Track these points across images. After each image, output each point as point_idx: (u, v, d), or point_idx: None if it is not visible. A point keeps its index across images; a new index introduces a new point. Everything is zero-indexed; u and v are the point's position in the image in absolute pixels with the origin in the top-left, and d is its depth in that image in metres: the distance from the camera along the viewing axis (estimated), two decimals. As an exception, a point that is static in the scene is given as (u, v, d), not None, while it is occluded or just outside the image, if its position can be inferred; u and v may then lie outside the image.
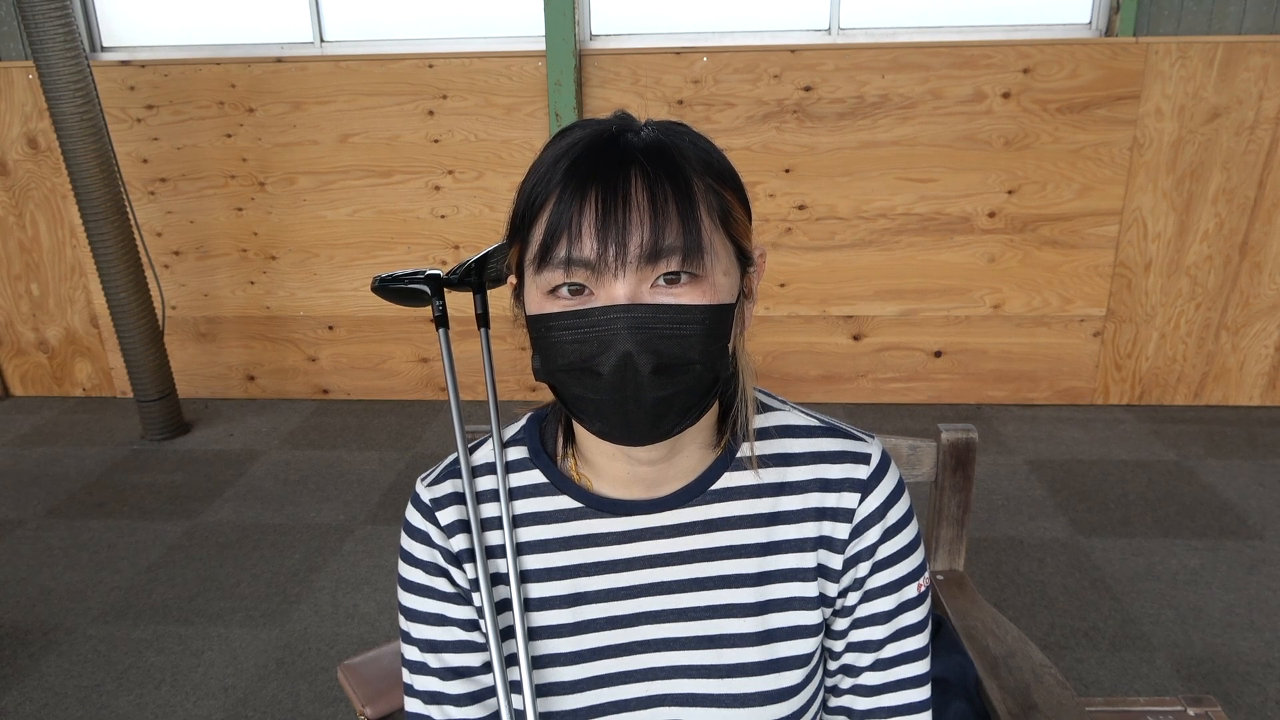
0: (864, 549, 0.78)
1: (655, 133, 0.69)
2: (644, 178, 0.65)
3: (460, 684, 0.79)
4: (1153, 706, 1.15)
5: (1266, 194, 3.18)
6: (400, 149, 3.36)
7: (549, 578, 0.79)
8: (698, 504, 0.78)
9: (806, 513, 0.79)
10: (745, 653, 0.77)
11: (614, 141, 0.67)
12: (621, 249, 0.64)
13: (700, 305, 0.66)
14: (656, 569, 0.78)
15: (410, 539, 0.81)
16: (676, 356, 0.66)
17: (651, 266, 0.65)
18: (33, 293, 3.67)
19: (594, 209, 0.64)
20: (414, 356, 3.64)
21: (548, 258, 0.66)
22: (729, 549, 0.78)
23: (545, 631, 0.79)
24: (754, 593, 0.78)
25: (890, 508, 0.79)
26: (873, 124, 3.19)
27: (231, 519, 2.80)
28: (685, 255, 0.65)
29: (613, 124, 0.70)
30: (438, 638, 0.79)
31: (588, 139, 0.68)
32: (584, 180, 0.65)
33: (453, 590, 0.79)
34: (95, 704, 2.02)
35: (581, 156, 0.66)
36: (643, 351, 0.65)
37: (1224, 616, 2.22)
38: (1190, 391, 3.45)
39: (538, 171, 0.69)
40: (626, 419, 0.68)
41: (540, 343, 0.69)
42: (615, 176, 0.65)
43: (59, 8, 2.81)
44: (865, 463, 0.79)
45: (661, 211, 0.65)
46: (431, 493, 0.81)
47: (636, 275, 0.65)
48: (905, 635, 0.80)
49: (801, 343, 3.49)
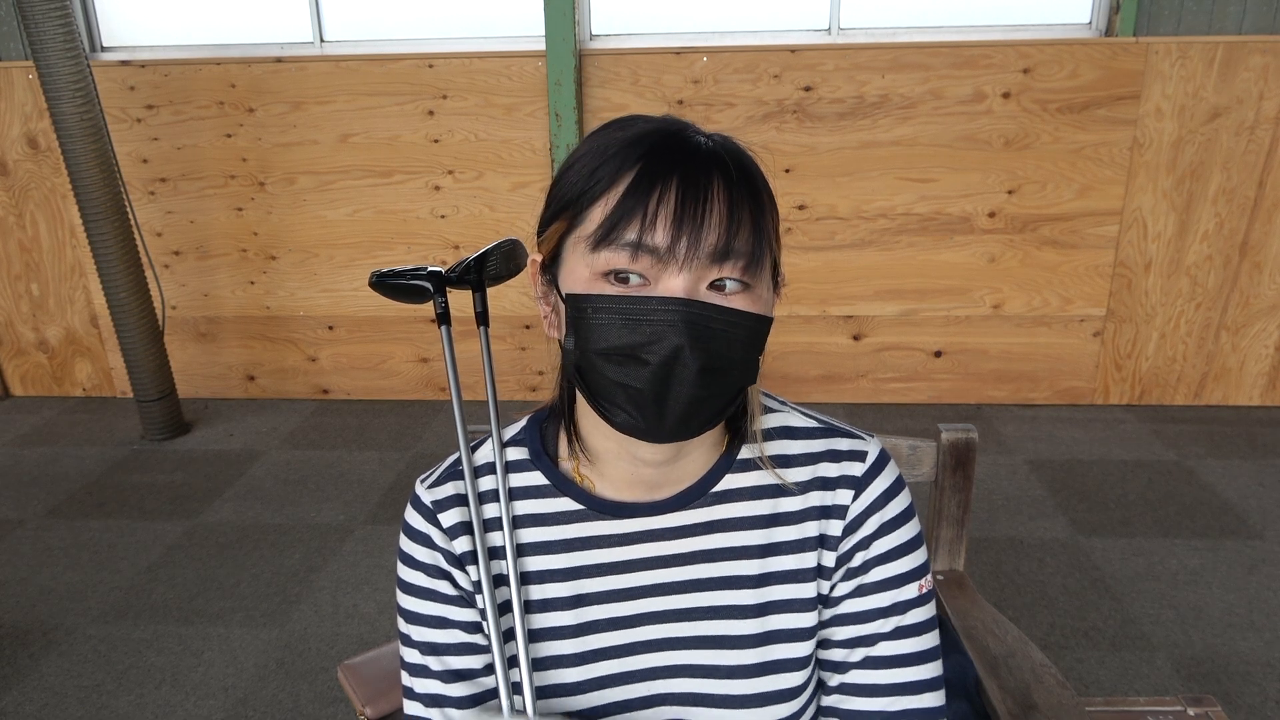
0: (858, 542, 0.78)
1: (726, 140, 0.70)
2: (725, 179, 0.65)
3: (462, 686, 0.78)
4: (1153, 706, 1.15)
5: (1266, 194, 3.17)
6: (400, 149, 3.36)
7: (551, 579, 0.78)
8: (699, 506, 0.78)
9: (807, 513, 0.78)
10: (744, 654, 0.77)
11: (690, 138, 0.67)
12: (695, 243, 0.64)
13: (751, 313, 0.67)
14: (658, 570, 0.78)
15: (411, 541, 0.80)
16: (723, 359, 0.66)
17: (717, 267, 0.65)
18: (33, 293, 3.67)
19: (674, 198, 0.64)
20: (414, 356, 3.64)
21: (611, 238, 0.65)
22: (730, 550, 0.78)
23: (548, 634, 0.78)
24: (755, 594, 0.78)
25: (887, 503, 0.78)
26: (873, 124, 3.19)
27: (231, 519, 2.80)
28: (750, 263, 0.66)
29: (680, 123, 0.69)
30: (439, 640, 0.79)
31: (661, 130, 0.68)
32: (666, 168, 0.65)
33: (455, 593, 0.79)
34: (95, 704, 2.02)
35: (661, 145, 0.66)
36: (695, 348, 0.64)
37: (1224, 616, 2.22)
38: (1190, 391, 3.45)
39: (603, 153, 0.67)
40: (660, 412, 0.67)
41: (581, 323, 0.67)
42: (698, 172, 0.65)
43: (59, 8, 2.80)
44: (861, 460, 0.79)
45: (738, 215, 0.65)
46: (433, 495, 0.80)
47: (698, 273, 0.65)
48: (906, 635, 0.78)
49: (801, 343, 3.49)
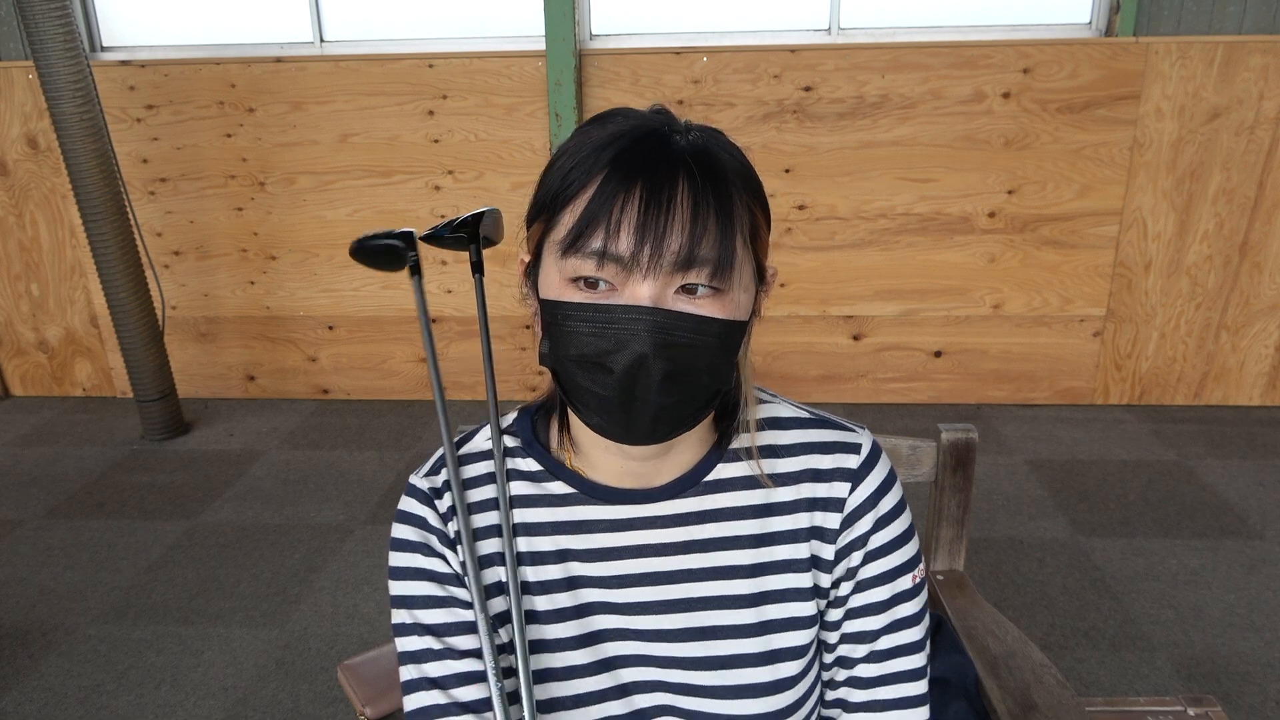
0: (856, 538, 0.78)
1: (701, 138, 0.68)
2: (690, 183, 0.64)
3: (468, 663, 0.77)
4: (1153, 706, 1.15)
5: (1266, 194, 3.17)
6: (400, 149, 3.36)
7: (541, 561, 0.78)
8: (692, 495, 0.78)
9: (799, 503, 0.79)
10: (742, 644, 0.77)
11: (663, 139, 0.66)
12: (657, 251, 0.63)
13: (719, 319, 0.66)
14: (651, 559, 0.78)
15: (404, 525, 0.80)
16: (688, 365, 0.66)
17: (682, 274, 0.64)
18: (33, 293, 3.67)
19: (637, 205, 0.63)
20: (414, 356, 3.64)
21: (578, 245, 0.64)
22: (724, 540, 0.78)
23: (542, 616, 0.78)
24: (750, 584, 0.78)
25: (882, 497, 0.79)
26: (873, 124, 3.19)
27: (231, 519, 2.80)
28: (716, 268, 0.65)
29: (658, 120, 0.68)
30: (439, 621, 0.77)
31: (634, 132, 0.66)
32: (630, 173, 0.64)
33: (450, 571, 0.78)
34: (95, 704, 2.02)
35: (629, 149, 0.65)
36: (658, 357, 0.64)
37: (1224, 616, 2.22)
38: (1190, 391, 3.45)
39: (578, 153, 0.67)
40: (627, 419, 0.68)
41: (554, 329, 0.68)
42: (662, 176, 0.64)
43: (59, 8, 2.80)
44: (855, 452, 0.79)
45: (702, 221, 0.64)
46: (430, 481, 0.81)
47: (664, 280, 0.64)
48: (901, 627, 0.80)
49: (801, 343, 3.49)
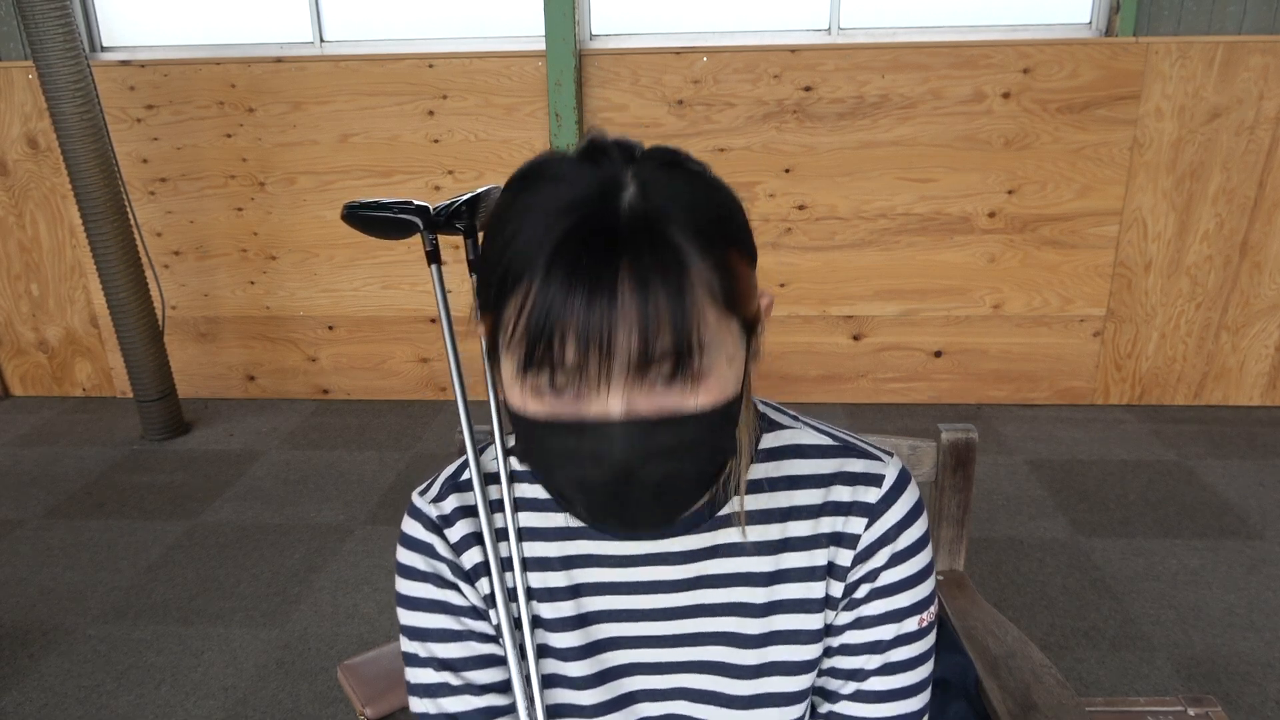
0: (866, 573, 0.74)
1: (643, 197, 0.58)
2: (634, 270, 0.56)
3: (490, 698, 0.76)
4: (1153, 706, 1.15)
5: (1266, 194, 3.17)
6: (400, 149, 3.36)
7: (552, 598, 0.76)
8: (705, 530, 0.74)
9: (818, 539, 0.74)
10: (740, 684, 0.76)
11: (600, 220, 0.57)
12: (606, 360, 0.56)
13: (700, 413, 0.60)
14: (661, 595, 0.75)
15: (411, 552, 0.77)
16: (679, 466, 0.62)
17: (639, 375, 0.58)
18: (33, 293, 3.67)
19: (576, 315, 0.56)
20: (414, 356, 3.64)
21: (527, 363, 0.58)
22: (736, 577, 0.75)
23: (556, 653, 0.77)
24: (759, 624, 0.75)
25: (901, 532, 0.74)
26: (873, 124, 3.19)
27: (231, 519, 2.80)
28: (678, 360, 0.58)
29: (594, 188, 0.59)
30: (456, 655, 0.76)
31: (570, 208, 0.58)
32: (569, 273, 0.56)
33: (466, 604, 0.77)
34: (95, 704, 2.02)
35: (566, 239, 0.57)
36: (646, 467, 0.60)
37: (1224, 616, 2.22)
38: (1190, 391, 3.45)
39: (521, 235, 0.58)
40: (622, 511, 0.64)
41: (523, 438, 0.63)
42: (602, 271, 0.56)
43: (59, 8, 2.80)
44: (877, 485, 0.74)
45: (653, 313, 0.56)
46: (438, 509, 0.77)
47: (627, 384, 0.58)
48: (895, 671, 0.75)
49: (801, 343, 3.49)
